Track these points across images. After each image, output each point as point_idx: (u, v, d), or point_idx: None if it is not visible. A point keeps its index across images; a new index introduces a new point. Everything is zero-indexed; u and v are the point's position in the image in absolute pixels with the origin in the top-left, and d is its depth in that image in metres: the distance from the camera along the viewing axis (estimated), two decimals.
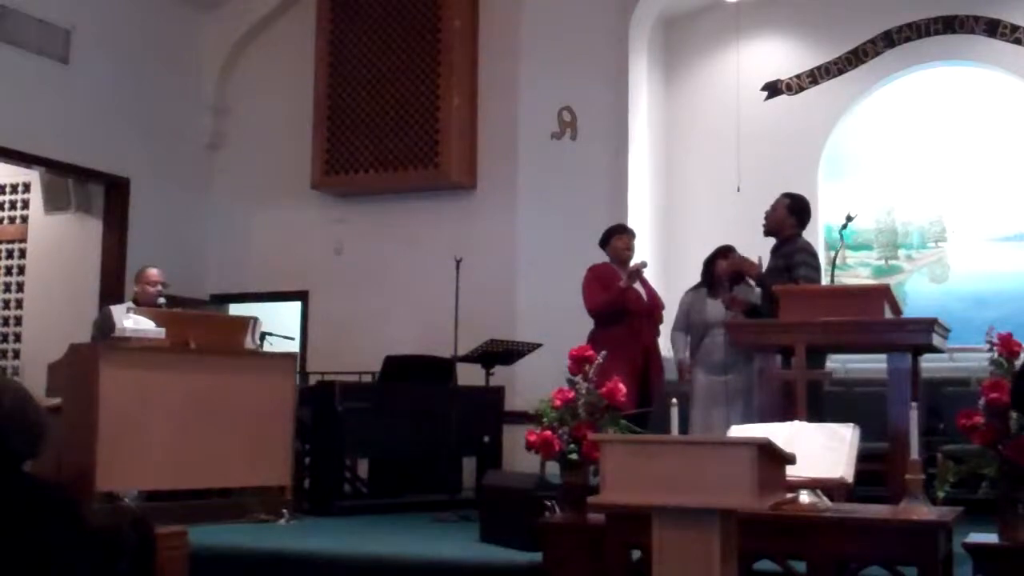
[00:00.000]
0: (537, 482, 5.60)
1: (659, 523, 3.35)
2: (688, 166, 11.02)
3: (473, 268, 8.73)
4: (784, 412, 5.31)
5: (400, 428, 8.07)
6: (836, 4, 10.64)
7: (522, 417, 7.01)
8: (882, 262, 10.51)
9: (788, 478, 3.71)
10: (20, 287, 11.05)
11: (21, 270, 11.07)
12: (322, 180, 10.38)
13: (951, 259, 10.25)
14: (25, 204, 11.11)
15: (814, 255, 6.89)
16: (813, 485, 4.14)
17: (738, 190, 9.98)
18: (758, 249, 7.14)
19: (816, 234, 9.63)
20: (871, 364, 7.74)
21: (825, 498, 4.21)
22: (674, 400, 4.48)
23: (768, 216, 6.93)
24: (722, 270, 7.27)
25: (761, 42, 10.86)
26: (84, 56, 9.87)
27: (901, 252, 10.46)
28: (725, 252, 7.44)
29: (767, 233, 6.93)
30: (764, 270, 6.83)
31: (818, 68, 10.67)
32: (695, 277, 7.58)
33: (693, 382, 7.29)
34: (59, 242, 10.83)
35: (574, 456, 4.68)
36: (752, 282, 6.94)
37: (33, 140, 9.46)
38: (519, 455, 6.98)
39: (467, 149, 10.02)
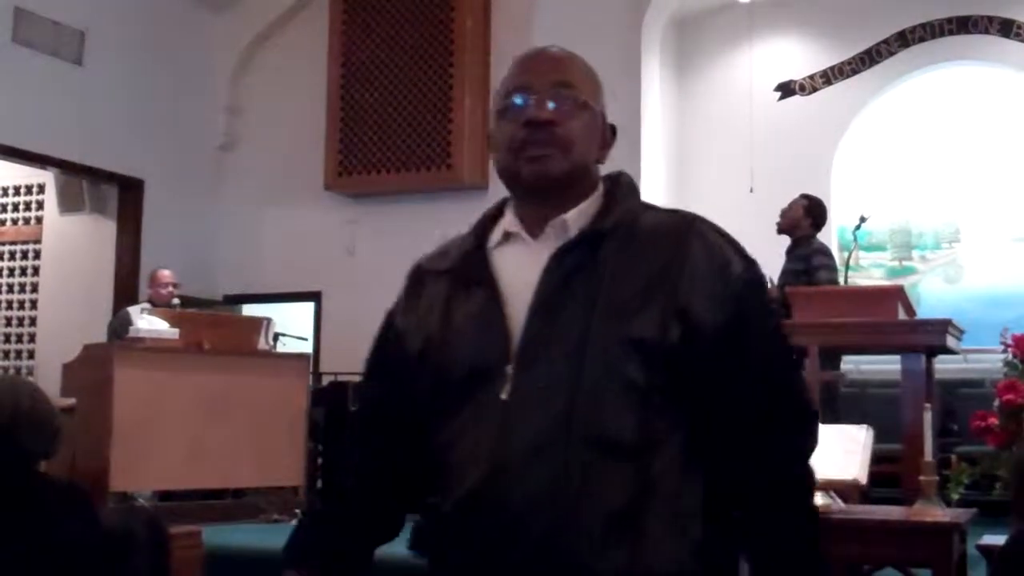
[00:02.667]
0: None
1: None
2: (700, 167, 11.00)
3: None
4: None
5: None
6: (850, 4, 10.62)
7: None
8: (896, 263, 10.48)
9: None
10: (34, 288, 11.10)
11: (35, 271, 11.12)
12: (335, 181, 10.39)
13: (965, 260, 10.22)
14: (39, 205, 11.15)
15: (831, 257, 6.90)
16: (826, 487, 4.12)
17: (751, 191, 9.96)
18: (771, 250, 7.12)
19: (829, 235, 9.59)
20: (885, 365, 7.71)
21: (838, 500, 4.20)
22: None
23: (784, 215, 6.94)
24: None
25: (774, 42, 10.84)
26: (98, 58, 9.90)
27: (915, 253, 10.43)
28: None
29: (781, 231, 6.94)
30: (780, 272, 6.83)
31: (832, 68, 10.65)
32: None
33: None
34: (73, 243, 10.88)
35: None
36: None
37: (47, 141, 9.49)
38: None
39: (480, 150, 10.01)
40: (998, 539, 4.17)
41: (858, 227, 6.91)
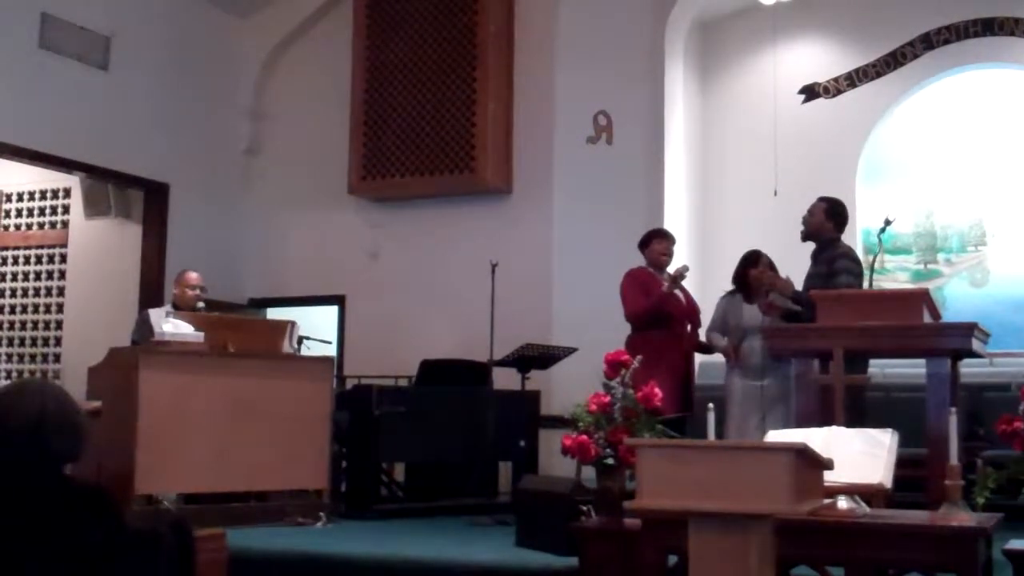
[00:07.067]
0: (573, 486, 5.59)
1: (695, 528, 3.34)
2: (725, 170, 10.98)
3: (509, 272, 8.74)
4: (822, 417, 5.29)
5: (436, 432, 8.08)
6: (874, 7, 10.57)
7: (558, 421, 7.03)
8: (921, 266, 10.43)
9: (826, 483, 3.69)
10: (61, 292, 11.17)
11: (62, 275, 11.19)
12: (359, 185, 10.42)
13: (991, 263, 10.16)
14: (66, 209, 11.23)
15: (856, 261, 6.86)
16: (851, 491, 4.11)
17: (775, 194, 9.92)
18: (796, 253, 7.11)
19: (854, 238, 9.57)
20: (910, 369, 7.68)
21: (863, 504, 4.19)
22: (711, 405, 4.46)
23: (806, 221, 6.91)
24: (755, 278, 7.23)
25: (798, 45, 10.81)
26: (124, 63, 9.96)
27: (940, 256, 10.37)
28: (754, 259, 7.37)
29: (805, 238, 6.91)
30: (805, 276, 6.80)
31: (856, 71, 10.60)
32: (731, 281, 7.55)
33: (730, 387, 7.27)
34: (99, 247, 10.95)
35: (610, 461, 4.68)
36: (788, 295, 6.83)
37: (73, 146, 9.56)
38: (555, 459, 6.98)
39: (503, 154, 10.03)
40: None
41: (883, 230, 6.86)
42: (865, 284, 6.77)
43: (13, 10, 9.11)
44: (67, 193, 11.20)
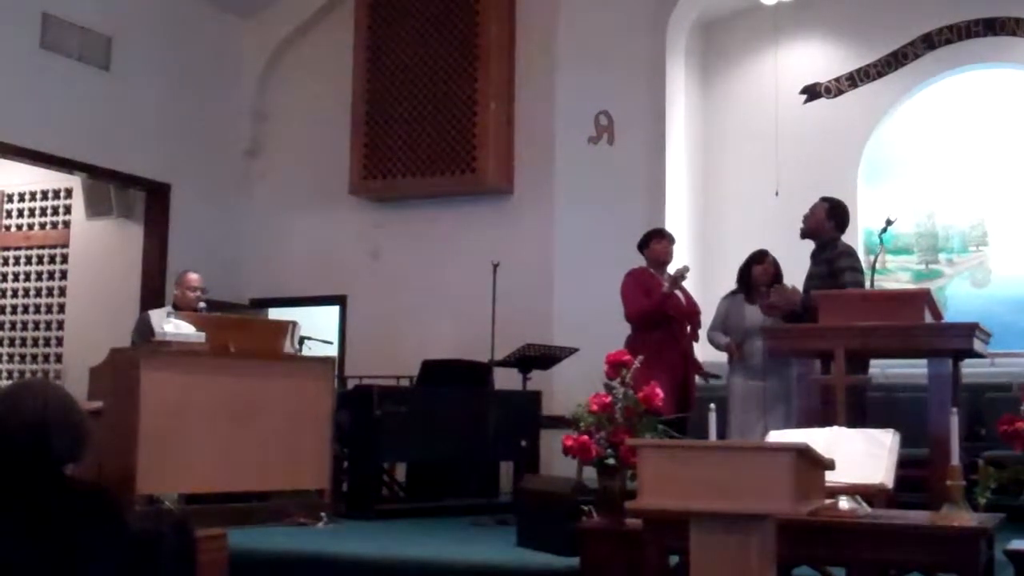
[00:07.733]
0: (574, 487, 5.59)
1: (697, 528, 3.34)
2: (726, 170, 10.97)
3: (510, 273, 8.74)
4: (823, 417, 5.28)
5: (438, 432, 8.08)
6: (875, 7, 10.57)
7: (559, 422, 7.02)
8: (922, 266, 10.42)
9: (827, 484, 3.69)
10: (62, 292, 11.17)
11: (63, 275, 11.19)
12: (360, 185, 10.42)
13: (993, 263, 10.15)
14: (67, 209, 11.23)
15: (857, 258, 6.87)
16: (852, 491, 4.11)
17: (776, 194, 9.93)
18: (796, 253, 7.11)
19: (856, 238, 9.56)
20: (911, 369, 7.67)
21: (865, 504, 4.18)
22: (712, 405, 4.46)
23: (807, 220, 6.91)
24: (764, 290, 7.22)
25: (799, 45, 10.81)
26: (125, 63, 9.96)
27: (942, 256, 10.37)
28: (760, 257, 7.39)
29: (804, 236, 6.92)
30: (806, 276, 6.80)
31: (857, 71, 10.60)
32: (733, 281, 7.55)
33: (731, 387, 7.27)
34: (101, 247, 10.95)
35: (611, 461, 4.68)
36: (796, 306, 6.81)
37: (75, 146, 9.56)
38: (556, 459, 6.98)
39: (504, 154, 10.03)
40: None
41: (884, 230, 6.87)
42: (866, 284, 6.77)
43: (13, 10, 9.11)
44: (68, 193, 11.20)
